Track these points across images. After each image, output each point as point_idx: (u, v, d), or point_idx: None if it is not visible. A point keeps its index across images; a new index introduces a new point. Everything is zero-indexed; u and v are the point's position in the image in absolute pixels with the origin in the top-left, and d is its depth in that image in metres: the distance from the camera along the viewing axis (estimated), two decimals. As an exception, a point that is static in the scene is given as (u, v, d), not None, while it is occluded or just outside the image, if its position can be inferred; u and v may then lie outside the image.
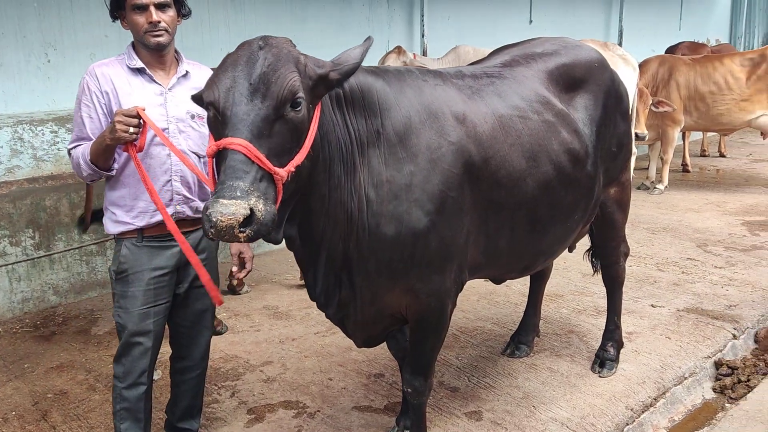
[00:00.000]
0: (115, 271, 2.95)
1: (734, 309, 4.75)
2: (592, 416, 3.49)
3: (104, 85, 2.83)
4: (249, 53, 2.22)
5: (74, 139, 2.90)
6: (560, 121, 3.14)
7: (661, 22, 12.40)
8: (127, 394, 2.97)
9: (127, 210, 2.90)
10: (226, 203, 1.97)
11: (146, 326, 2.93)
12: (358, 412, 3.61)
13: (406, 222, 2.58)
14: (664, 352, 4.14)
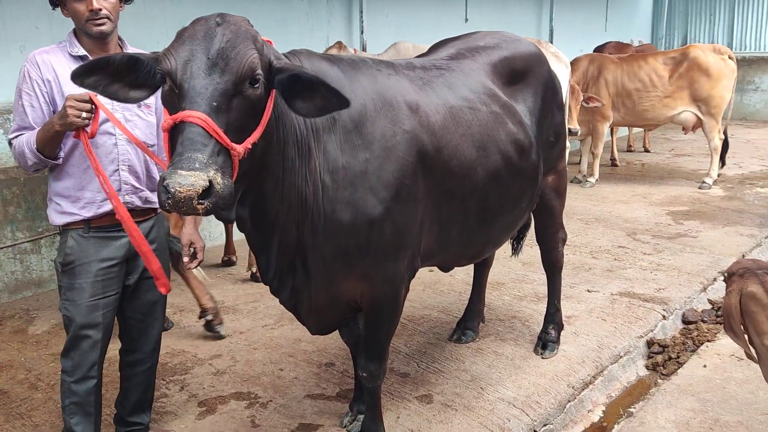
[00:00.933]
0: (61, 263, 2.88)
1: (663, 292, 5.02)
2: (536, 395, 3.64)
3: (45, 72, 2.76)
4: (206, 28, 2.19)
5: (15, 129, 2.81)
6: (506, 112, 3.27)
7: (588, 22, 12.86)
8: (76, 388, 2.92)
9: (72, 201, 2.84)
10: (184, 174, 1.95)
11: (95, 318, 2.88)
12: (311, 400, 3.65)
13: (361, 209, 2.62)
14: (601, 333, 4.35)
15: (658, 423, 3.41)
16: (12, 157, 3.61)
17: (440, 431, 3.31)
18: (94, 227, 2.87)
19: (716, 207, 7.44)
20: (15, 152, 2.80)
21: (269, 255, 2.68)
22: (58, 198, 2.88)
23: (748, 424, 3.35)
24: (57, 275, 2.97)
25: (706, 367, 3.97)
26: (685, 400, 3.61)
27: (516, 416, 3.44)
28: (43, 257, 5.22)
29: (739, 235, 6.38)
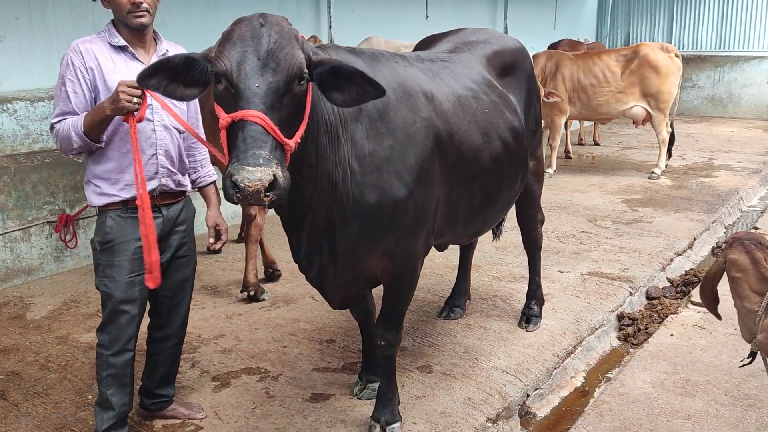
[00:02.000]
0: (99, 242, 3.03)
1: (627, 271, 5.45)
2: (526, 363, 3.98)
3: (89, 61, 2.90)
4: (251, 29, 2.34)
5: (58, 113, 2.94)
6: (503, 101, 3.58)
7: (539, 21, 13.38)
8: (113, 360, 3.08)
9: (112, 183, 2.99)
10: (251, 170, 2.13)
11: (132, 294, 3.05)
12: (319, 373, 3.88)
13: (387, 191, 2.85)
14: (577, 308, 4.72)
15: (637, 384, 3.79)
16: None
17: (443, 396, 3.60)
18: (131, 208, 3.02)
19: (666, 195, 7.98)
20: (58, 136, 2.92)
21: (301, 236, 2.90)
22: (97, 180, 3.02)
23: (716, 383, 3.76)
24: (94, 254, 3.09)
25: (673, 336, 4.39)
26: (658, 365, 4.01)
27: (510, 382, 3.77)
28: (33, 246, 5.26)
29: (690, 221, 6.90)
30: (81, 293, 5.08)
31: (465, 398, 3.59)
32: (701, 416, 3.44)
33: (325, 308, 4.77)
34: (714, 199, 7.75)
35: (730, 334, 4.36)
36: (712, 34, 14.98)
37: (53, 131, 2.96)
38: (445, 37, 3.90)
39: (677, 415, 3.46)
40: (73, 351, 4.17)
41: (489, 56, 3.73)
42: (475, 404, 3.54)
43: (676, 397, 3.62)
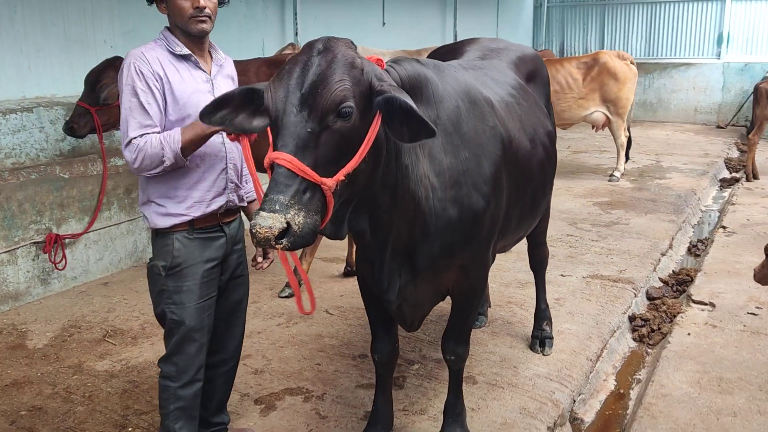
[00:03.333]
0: (165, 267, 2.83)
1: (624, 273, 5.62)
2: (565, 369, 4.02)
3: (157, 69, 2.72)
4: (306, 58, 2.23)
5: (137, 127, 2.68)
6: (537, 106, 3.61)
7: (484, 30, 13.66)
8: (182, 393, 2.91)
9: (179, 201, 2.81)
10: (265, 216, 2.05)
11: (202, 321, 2.89)
12: (363, 390, 3.79)
13: (467, 204, 2.78)
14: (592, 312, 4.83)
15: (675, 385, 3.89)
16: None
17: (498, 407, 3.59)
18: (197, 228, 2.86)
19: (632, 197, 8.29)
20: (140, 153, 2.67)
21: (384, 258, 2.78)
22: (161, 200, 2.82)
23: (747, 379, 3.92)
24: (155, 279, 2.88)
25: (690, 335, 4.55)
26: (688, 364, 4.14)
27: (557, 389, 3.80)
28: (20, 269, 4.89)
29: (662, 221, 7.19)
30: (78, 318, 4.76)
31: (520, 408, 3.59)
32: (746, 413, 3.58)
33: (345, 323, 4.70)
34: (676, 200, 8.12)
35: (741, 330, 4.57)
36: (641, 42, 15.72)
37: (131, 146, 2.68)
38: (467, 46, 3.89)
39: (724, 413, 3.58)
40: (93, 381, 3.89)
41: (515, 62, 3.75)
42: (531, 413, 3.54)
43: (717, 395, 3.75)
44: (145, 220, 2.92)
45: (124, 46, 6.28)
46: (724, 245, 6.44)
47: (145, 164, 2.68)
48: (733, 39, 14.82)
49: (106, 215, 5.42)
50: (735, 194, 8.56)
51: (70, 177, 5.20)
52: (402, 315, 3.08)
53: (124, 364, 4.10)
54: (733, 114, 14.35)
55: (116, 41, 6.39)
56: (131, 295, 5.18)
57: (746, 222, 7.20)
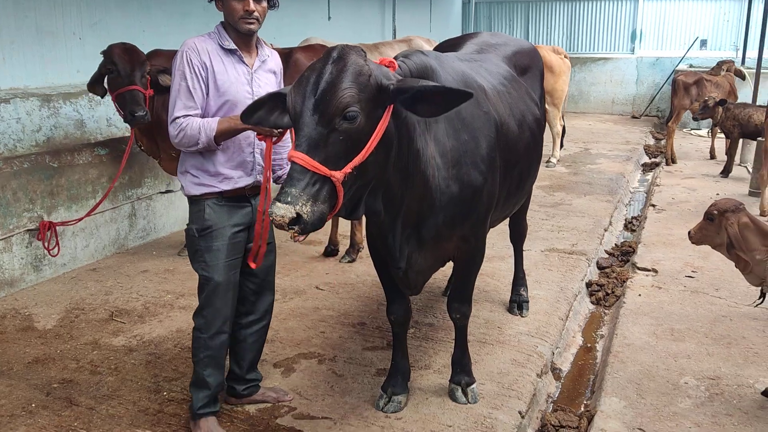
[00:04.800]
0: (198, 229, 3.20)
1: (576, 246, 6.25)
2: (543, 327, 4.56)
3: (204, 58, 3.07)
4: (321, 66, 2.57)
5: (182, 108, 3.06)
6: (527, 95, 4.10)
7: (418, 24, 14.19)
8: (210, 343, 3.27)
9: (212, 175, 3.18)
10: (279, 206, 2.41)
11: (230, 277, 3.24)
12: (370, 352, 4.20)
13: (467, 181, 3.20)
14: (555, 280, 5.40)
15: (636, 336, 4.50)
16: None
17: (493, 360, 4.08)
18: (226, 197, 3.22)
19: (569, 181, 9.01)
20: (182, 132, 3.06)
21: (395, 231, 3.13)
22: (196, 171, 3.18)
23: (694, 329, 4.58)
24: (191, 240, 3.25)
25: (641, 296, 5.19)
26: (643, 319, 4.76)
27: (539, 343, 4.33)
28: (15, 255, 4.99)
29: (600, 202, 7.92)
30: (78, 301, 4.93)
31: (511, 360, 4.09)
32: (698, 355, 4.21)
33: (337, 296, 5.08)
34: (609, 182, 8.89)
35: (682, 290, 5.26)
36: (563, 37, 16.69)
37: (175, 124, 3.07)
38: (468, 40, 4.34)
39: (679, 356, 4.21)
40: (115, 354, 4.13)
41: (510, 56, 4.23)
42: (521, 363, 4.05)
43: (672, 343, 4.38)
44: (182, 188, 3.26)
45: (92, 38, 6.40)
46: (656, 221, 7.20)
47: (183, 141, 3.07)
48: (645, 35, 16.01)
49: (91, 204, 5.56)
50: (658, 176, 9.43)
51: (59, 166, 5.32)
52: (407, 280, 3.44)
53: (139, 340, 4.34)
54: (646, 105, 15.49)
55: (84, 32, 6.48)
56: (123, 279, 5.37)
57: (671, 200, 8.03)
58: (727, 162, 9.34)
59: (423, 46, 7.94)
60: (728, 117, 8.93)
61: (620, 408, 3.64)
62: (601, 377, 4.05)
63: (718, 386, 3.82)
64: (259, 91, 3.20)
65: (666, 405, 3.65)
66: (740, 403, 3.63)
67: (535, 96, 4.25)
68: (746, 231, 3.57)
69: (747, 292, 5.15)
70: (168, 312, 4.78)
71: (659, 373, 3.99)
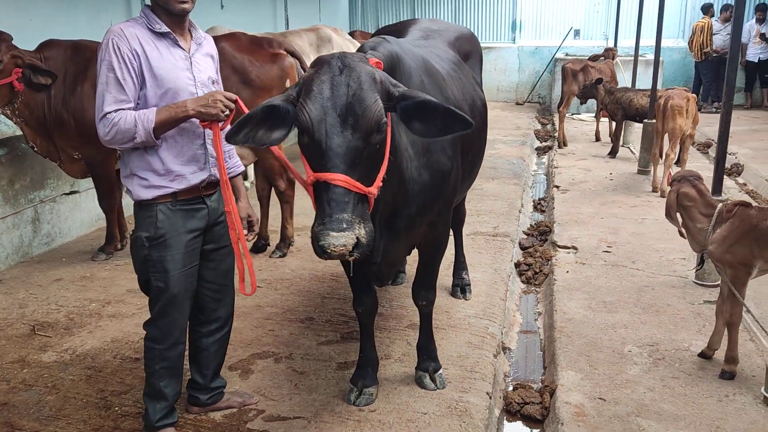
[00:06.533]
0: (150, 237, 2.96)
1: (498, 228, 6.43)
2: (488, 308, 4.66)
3: (135, 46, 2.82)
4: (330, 78, 2.45)
5: (112, 102, 2.80)
6: (474, 80, 4.15)
7: (308, 14, 14.01)
8: (168, 354, 3.09)
9: (161, 174, 2.94)
10: (336, 236, 2.29)
11: (188, 286, 3.06)
12: (326, 346, 4.11)
13: (437, 168, 3.19)
14: (487, 262, 5.53)
15: (574, 311, 4.69)
16: None
17: (450, 345, 4.11)
18: (180, 200, 3.00)
19: (475, 166, 9.25)
20: (114, 128, 2.78)
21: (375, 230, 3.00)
22: (144, 172, 2.94)
23: (623, 300, 4.84)
24: (139, 250, 2.99)
25: (568, 272, 5.42)
26: (576, 295, 4.98)
27: (489, 325, 4.42)
28: None
29: (508, 185, 8.20)
30: (-11, 316, 4.46)
31: (467, 343, 4.15)
32: (633, 324, 4.46)
33: (276, 292, 4.93)
34: (511, 166, 9.22)
35: (603, 265, 5.55)
36: (447, 27, 17.08)
37: (106, 120, 2.79)
38: (410, 27, 4.31)
39: (617, 326, 4.44)
40: (49, 371, 3.79)
41: (453, 42, 4.26)
42: (477, 346, 4.12)
43: (608, 315, 4.61)
44: (129, 192, 3.01)
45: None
46: (563, 201, 7.55)
47: (117, 138, 2.81)
48: (525, 26, 16.70)
49: (-10, 209, 5.06)
50: (554, 159, 9.89)
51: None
52: (380, 273, 3.42)
53: (72, 354, 4.00)
54: (529, 92, 16.21)
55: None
56: (36, 290, 4.93)
57: (572, 181, 8.45)
58: (613, 144, 9.96)
59: (331, 35, 7.85)
60: (612, 101, 9.51)
61: (578, 380, 3.78)
62: (552, 352, 4.19)
63: (658, 352, 4.07)
64: (200, 76, 3.00)
65: (618, 373, 3.84)
66: (682, 366, 3.89)
67: (478, 80, 4.31)
68: (687, 200, 3.79)
69: (660, 263, 5.53)
70: (97, 322, 4.44)
71: (604, 344, 4.19)
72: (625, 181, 8.44)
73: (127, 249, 5.77)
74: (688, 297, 4.85)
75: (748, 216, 3.59)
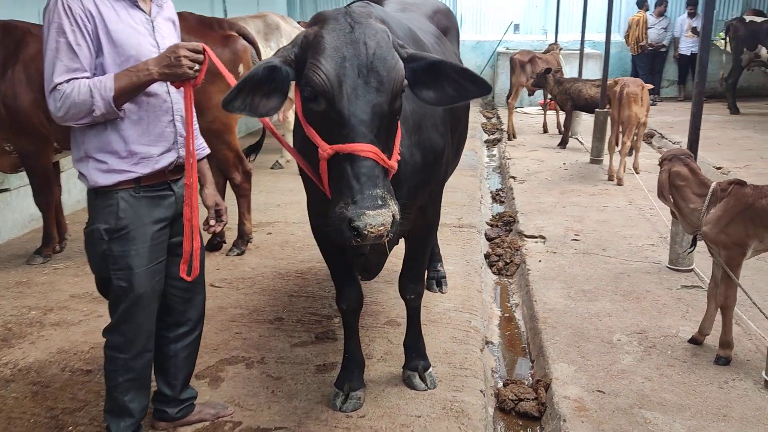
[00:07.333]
0: (110, 230, 2.56)
1: (463, 220, 6.22)
2: (467, 301, 4.42)
3: (88, 6, 2.43)
4: (343, 34, 2.16)
5: (64, 71, 2.39)
6: (455, 56, 3.91)
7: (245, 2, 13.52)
8: (133, 364, 2.70)
9: (122, 157, 2.54)
10: (373, 214, 2.02)
11: (153, 286, 2.67)
12: (301, 348, 3.78)
13: (429, 147, 2.93)
14: (458, 254, 5.30)
15: (554, 301, 4.51)
16: None
17: (432, 341, 3.83)
18: (144, 186, 2.62)
19: (428, 159, 9.04)
20: (66, 100, 2.38)
21: None
22: (102, 155, 2.54)
23: (601, 287, 4.69)
24: (96, 244, 2.58)
25: (541, 262, 5.25)
26: (553, 284, 4.81)
27: (471, 318, 4.18)
28: None
29: (465, 177, 7.99)
30: None
31: (451, 338, 3.90)
32: (616, 311, 4.30)
33: (238, 292, 4.58)
34: (466, 158, 8.96)
35: (574, 253, 5.41)
36: (387, 21, 16.87)
37: (56, 93, 2.39)
38: (383, 1, 4.03)
39: (601, 315, 4.27)
40: (-14, 390, 3.31)
41: (431, 15, 4.00)
42: (463, 341, 3.87)
43: (589, 303, 4.45)
44: (83, 178, 2.60)
45: None
46: (522, 191, 7.42)
47: (71, 113, 2.41)
48: (465, 20, 16.66)
49: None
50: (505, 151, 9.80)
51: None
52: (369, 265, 3.18)
53: (13, 368, 3.53)
54: (471, 86, 16.18)
55: None
56: (-36, 299, 4.40)
57: (527, 172, 8.35)
58: (563, 134, 9.95)
59: (279, 22, 7.49)
60: (561, 91, 9.48)
61: (571, 372, 3.58)
62: (539, 344, 3.99)
63: (647, 339, 3.92)
64: (164, 42, 2.61)
65: (611, 363, 3.66)
66: (675, 353, 3.75)
67: (458, 56, 4.07)
68: (679, 180, 3.64)
69: (630, 249, 5.44)
70: (39, 331, 3.96)
71: (591, 333, 4.02)
72: (580, 170, 8.40)
73: (67, 251, 5.28)
74: (665, 283, 4.75)
75: (744, 194, 3.47)
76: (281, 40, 7.41)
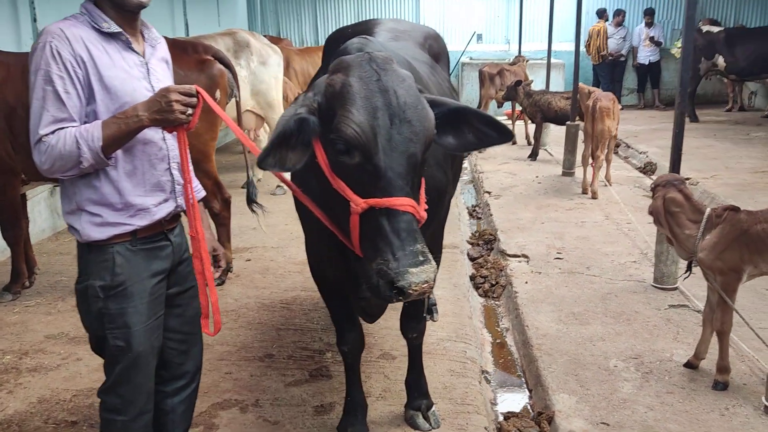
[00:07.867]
0: (105, 287, 2.39)
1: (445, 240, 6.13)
2: (460, 329, 4.36)
3: (79, 50, 2.25)
4: (369, 82, 2.10)
5: (50, 122, 2.21)
6: (446, 82, 3.84)
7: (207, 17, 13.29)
8: (133, 426, 2.52)
9: (117, 209, 2.38)
10: (416, 272, 1.95)
11: (153, 342, 2.52)
12: (296, 388, 3.65)
13: (432, 184, 2.74)
14: (445, 277, 5.22)
15: (545, 325, 4.47)
16: None
17: (430, 375, 3.68)
18: (140, 238, 2.47)
19: (401, 174, 8.98)
20: (52, 151, 2.21)
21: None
22: (95, 207, 2.37)
23: (591, 310, 4.67)
24: (92, 302, 2.41)
25: (527, 283, 5.22)
26: (542, 307, 4.77)
27: (466, 348, 4.12)
28: None
29: (440, 193, 7.97)
30: None
31: (448, 371, 3.82)
32: (609, 335, 4.29)
33: (224, 327, 4.40)
34: (438, 173, 9.02)
35: (559, 273, 5.40)
36: (350, 32, 16.79)
37: (41, 145, 2.22)
38: (376, 28, 3.89)
39: (594, 339, 4.25)
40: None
41: (422, 42, 3.93)
42: (461, 374, 3.80)
43: (581, 327, 4.42)
44: (74, 232, 2.43)
45: None
46: (499, 207, 7.41)
47: (57, 166, 2.24)
48: (429, 30, 16.69)
49: None
50: (476, 164, 9.80)
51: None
52: (371, 308, 3.10)
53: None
54: (435, 96, 16.21)
55: None
56: (-69, 344, 4.14)
57: (502, 186, 8.35)
58: (534, 146, 10.00)
59: (248, 39, 7.34)
60: (530, 103, 9.54)
61: (573, 404, 3.54)
62: (536, 373, 3.94)
63: (643, 365, 3.90)
64: (158, 86, 2.43)
65: (611, 392, 3.63)
66: (672, 379, 3.74)
67: (450, 83, 4.01)
68: (673, 206, 3.64)
69: (614, 268, 5.46)
70: (16, 378, 3.75)
71: (587, 359, 3.99)
72: (553, 183, 8.44)
73: (37, 286, 5.04)
74: (652, 302, 4.76)
75: (738, 221, 3.48)
76: (251, 57, 7.28)
